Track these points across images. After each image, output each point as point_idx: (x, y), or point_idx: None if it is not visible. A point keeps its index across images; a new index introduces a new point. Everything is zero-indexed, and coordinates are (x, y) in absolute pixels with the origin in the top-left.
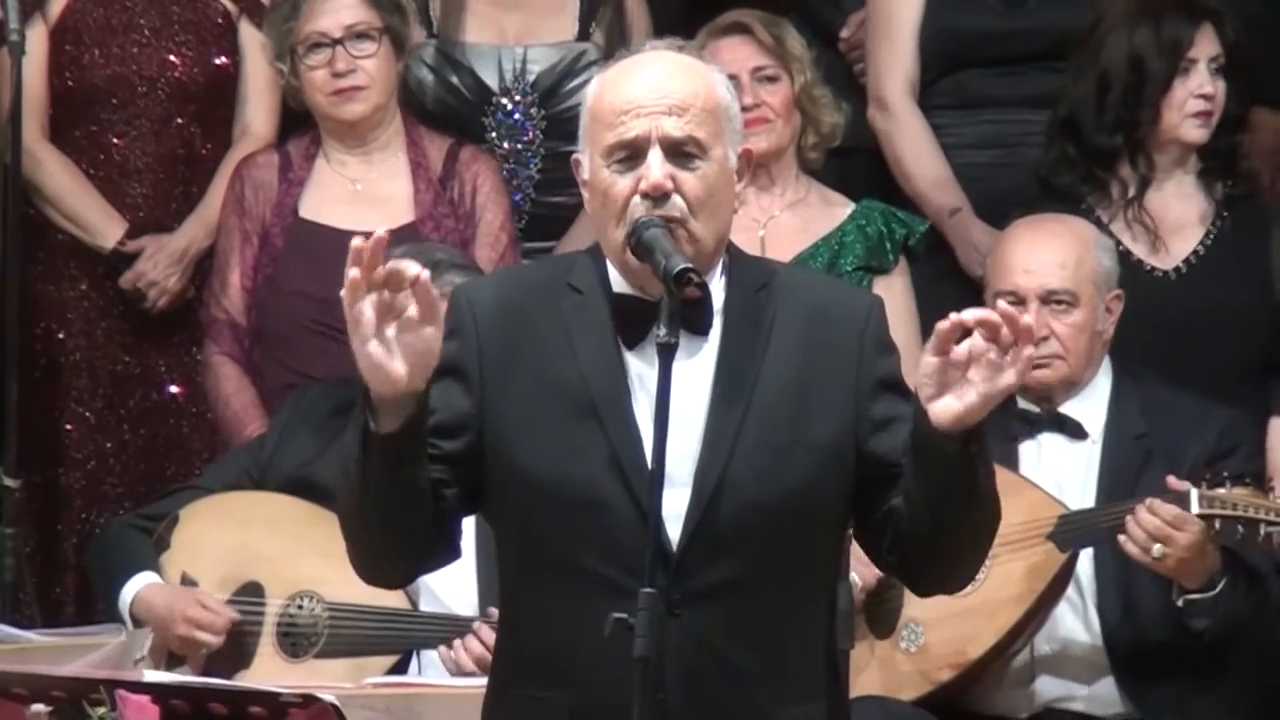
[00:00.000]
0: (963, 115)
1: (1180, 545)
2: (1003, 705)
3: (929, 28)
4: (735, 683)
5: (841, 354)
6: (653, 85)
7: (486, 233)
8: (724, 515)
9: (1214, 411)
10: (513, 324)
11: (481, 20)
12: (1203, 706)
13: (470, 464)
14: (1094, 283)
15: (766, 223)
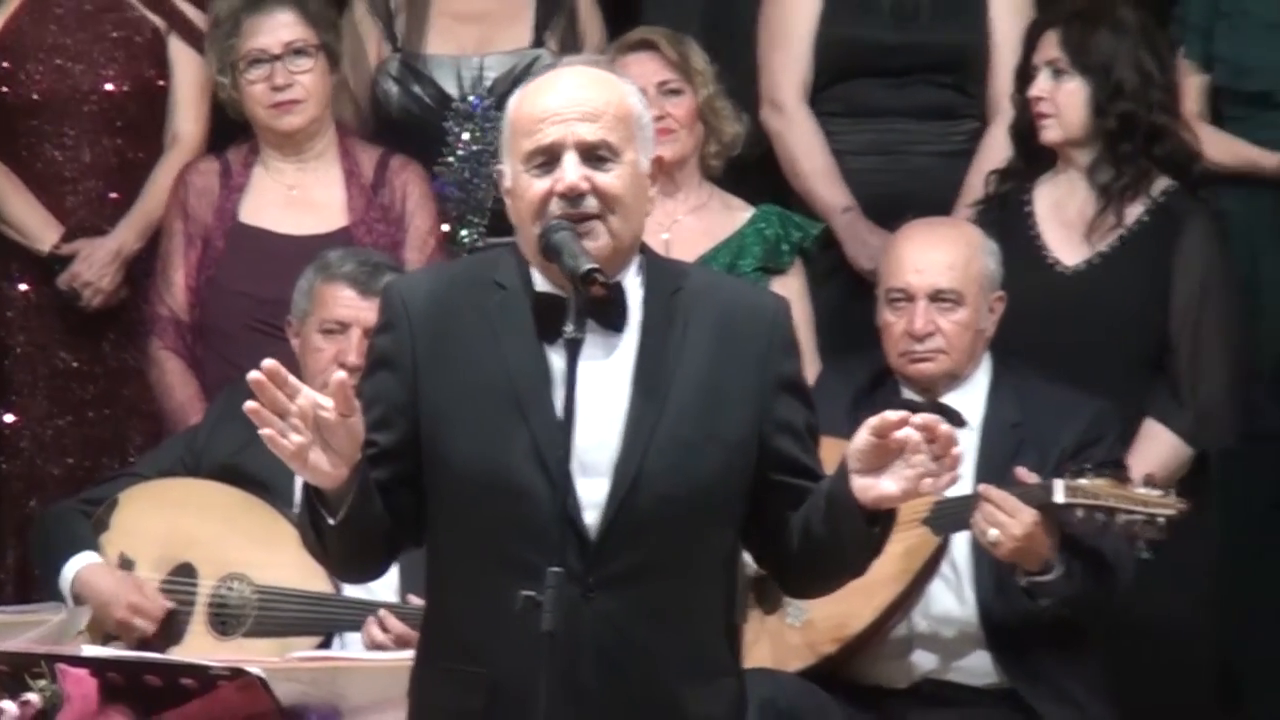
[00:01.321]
0: (850, 123)
1: (1012, 533)
2: (882, 676)
3: (823, 37)
4: (646, 662)
5: (750, 354)
6: (568, 95)
7: (415, 237)
8: (640, 505)
9: (1084, 403)
10: (443, 318)
11: (442, 34)
12: (1067, 677)
13: (409, 453)
14: (979, 284)
15: (671, 226)
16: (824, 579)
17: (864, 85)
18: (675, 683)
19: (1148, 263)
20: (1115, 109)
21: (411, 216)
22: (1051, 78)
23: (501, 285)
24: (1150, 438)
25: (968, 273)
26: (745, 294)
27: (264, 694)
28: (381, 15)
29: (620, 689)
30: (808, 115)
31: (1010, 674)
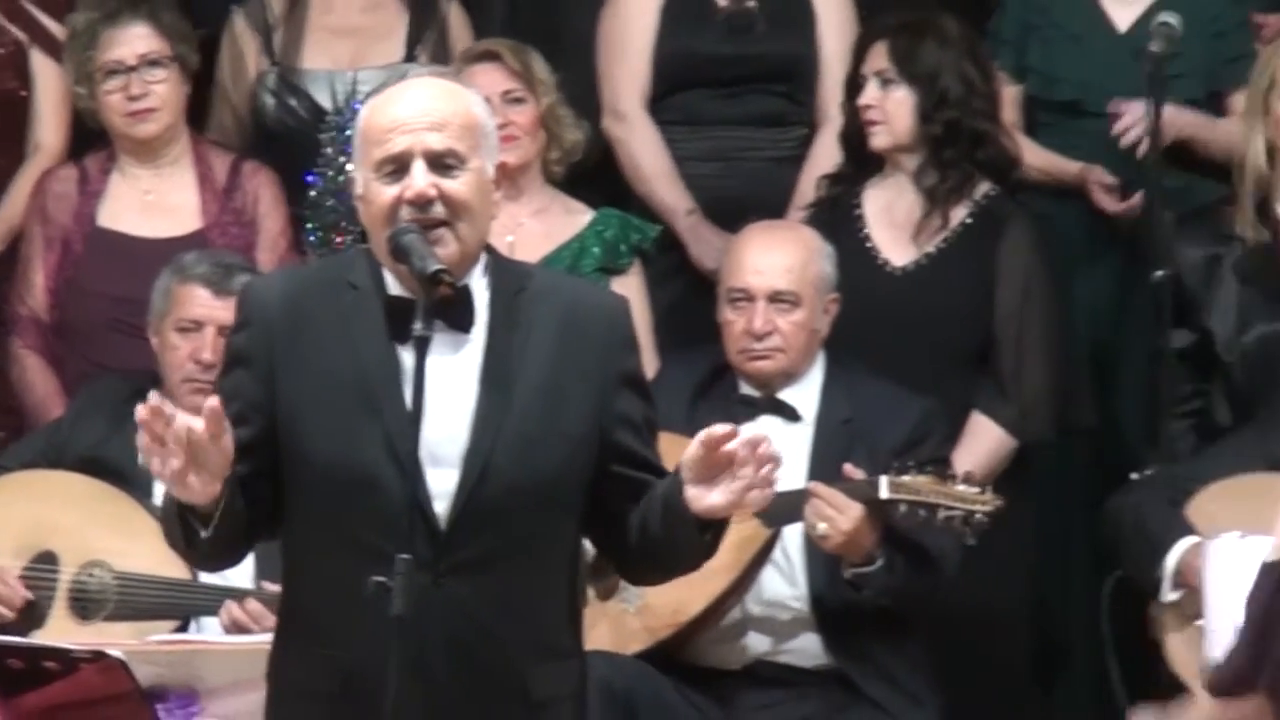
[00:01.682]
0: (688, 130)
1: (839, 528)
2: (716, 658)
3: (660, 49)
4: (493, 645)
5: (592, 352)
6: (416, 105)
7: (267, 239)
8: (487, 495)
9: (912, 402)
10: (298, 317)
11: (317, 48)
12: (891, 660)
13: (266, 448)
14: (815, 286)
15: (515, 229)
16: (660, 572)
17: (700, 95)
18: (521, 664)
19: (973, 262)
20: (941, 116)
21: (263, 219)
22: (880, 87)
23: (354, 286)
24: (977, 430)
25: (805, 275)
26: (587, 293)
27: (124, 676)
28: (260, 29)
29: (468, 671)
30: (648, 123)
31: (838, 656)
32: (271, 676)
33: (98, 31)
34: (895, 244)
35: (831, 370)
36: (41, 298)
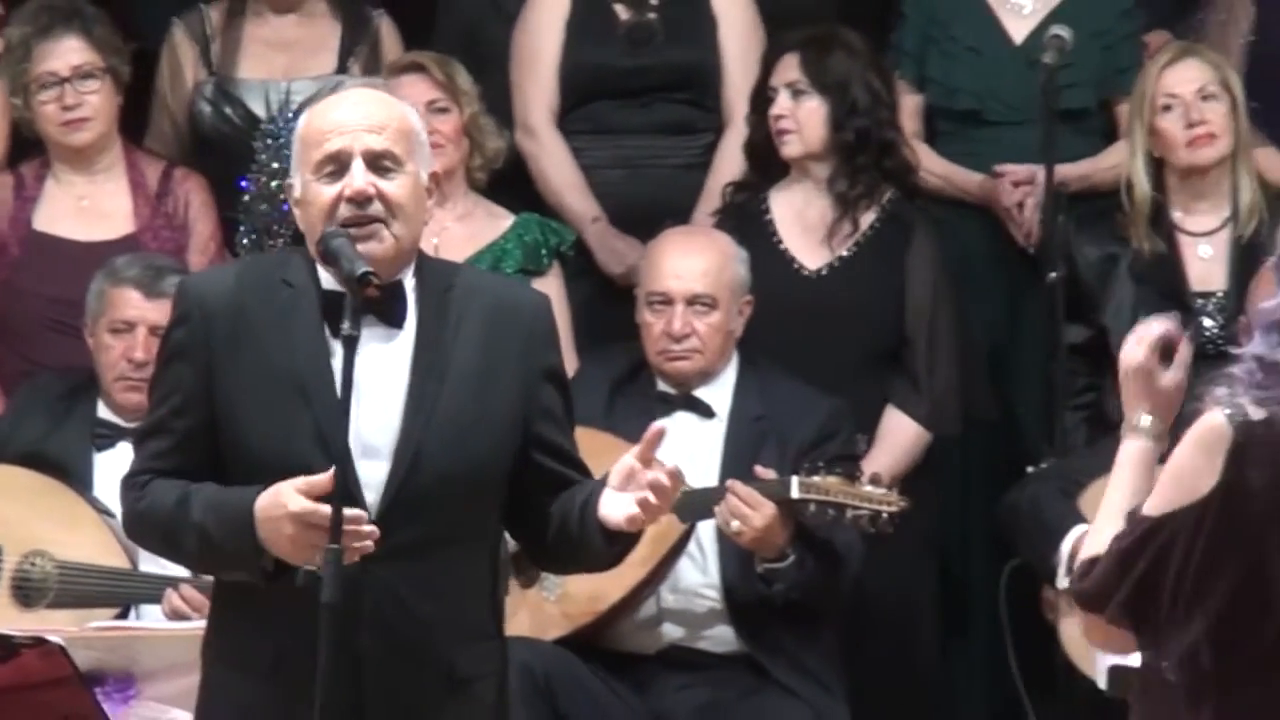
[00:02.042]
0: (595, 140)
1: (754, 525)
2: (633, 644)
3: (567, 64)
4: (421, 629)
5: (517, 346)
6: (355, 110)
7: (198, 242)
8: (417, 484)
9: (821, 400)
10: (235, 313)
11: (253, 59)
12: (801, 648)
13: (205, 438)
14: (731, 290)
15: (439, 232)
16: (572, 567)
17: (607, 106)
18: (446, 646)
19: (883, 265)
20: (852, 124)
21: (194, 223)
22: (792, 98)
23: (290, 284)
24: (892, 425)
25: (721, 279)
26: (511, 290)
27: (64, 661)
28: (198, 40)
29: (396, 652)
30: (556, 136)
31: (749, 643)
32: (205, 656)
33: (31, 45)
34: (807, 248)
35: (744, 369)
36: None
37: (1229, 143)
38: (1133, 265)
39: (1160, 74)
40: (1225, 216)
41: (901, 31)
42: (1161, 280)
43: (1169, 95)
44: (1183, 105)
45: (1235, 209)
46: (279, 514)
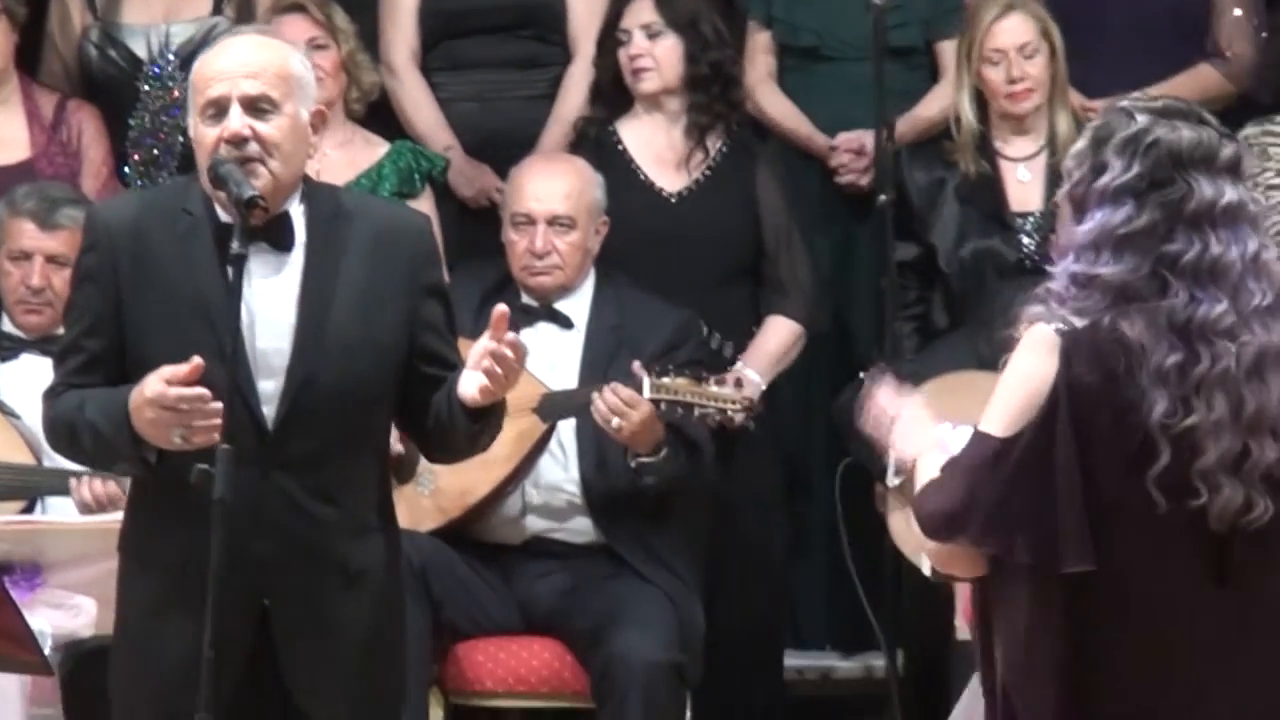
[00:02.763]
0: (451, 75)
1: (633, 421)
2: (500, 535)
3: (424, 8)
4: (314, 527)
5: (402, 266)
6: (236, 58)
7: (90, 168)
8: (309, 400)
9: (671, 312)
10: (140, 238)
11: (135, 5)
12: (654, 537)
13: (115, 356)
14: (589, 211)
15: (320, 159)
16: (449, 452)
17: (462, 44)
18: (341, 542)
19: (735, 187)
20: (706, 58)
21: (87, 149)
22: (648, 38)
23: (189, 213)
24: (770, 327)
25: (580, 202)
26: (394, 213)
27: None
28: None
29: (295, 550)
30: (415, 75)
31: (607, 535)
32: (123, 550)
33: None
34: (664, 174)
35: (601, 284)
36: None
37: (1045, 92)
38: (958, 188)
39: (989, 27)
40: (1042, 144)
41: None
42: (984, 201)
43: (995, 49)
44: (1006, 61)
45: (1052, 140)
46: (139, 400)
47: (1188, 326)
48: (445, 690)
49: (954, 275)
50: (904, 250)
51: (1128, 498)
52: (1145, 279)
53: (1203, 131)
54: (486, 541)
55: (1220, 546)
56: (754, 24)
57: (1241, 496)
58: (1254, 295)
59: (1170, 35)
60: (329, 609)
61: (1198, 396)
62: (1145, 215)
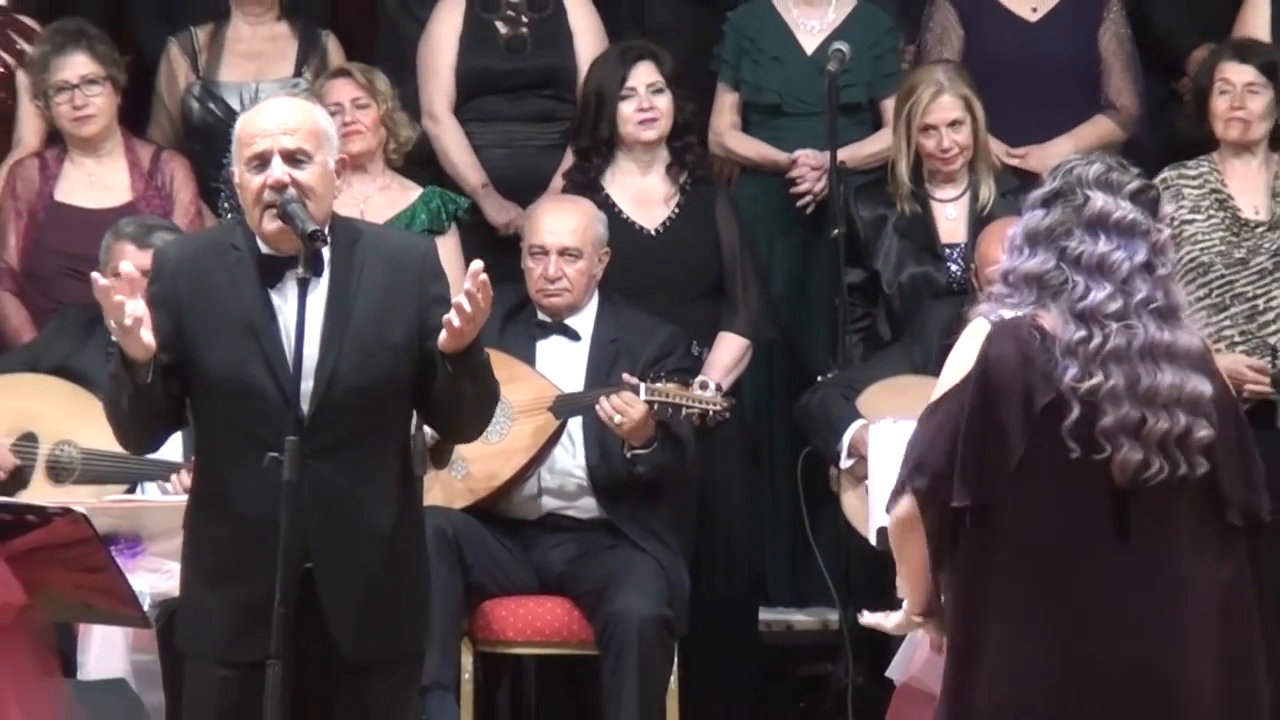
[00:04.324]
0: (483, 125)
1: (630, 419)
2: (520, 512)
3: (460, 67)
4: (350, 502)
5: (410, 281)
6: (274, 117)
7: (180, 208)
8: (334, 397)
9: (662, 326)
10: (195, 271)
11: (230, 66)
12: (648, 515)
13: (176, 368)
14: (593, 243)
15: (365, 201)
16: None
17: (491, 100)
18: (372, 512)
19: (699, 220)
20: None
21: (178, 193)
22: (652, 94)
23: (236, 248)
24: (722, 342)
25: (586, 236)
26: (404, 239)
27: (86, 526)
28: (189, 53)
29: (333, 521)
30: (453, 122)
31: (608, 512)
32: (187, 525)
33: (49, 60)
34: (640, 212)
35: (603, 303)
36: (15, 254)
37: (969, 154)
38: (897, 224)
39: (924, 106)
40: (965, 189)
41: (722, 45)
42: (918, 235)
43: (928, 125)
44: (938, 134)
45: (974, 186)
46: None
47: (1083, 311)
48: (474, 640)
49: (894, 295)
50: (853, 275)
51: (1044, 446)
52: (1052, 271)
53: (1115, 172)
54: (509, 517)
55: (1123, 502)
56: (723, 85)
57: (1140, 455)
58: (1141, 292)
59: (1073, 91)
60: (361, 569)
61: (1099, 366)
62: (1050, 217)
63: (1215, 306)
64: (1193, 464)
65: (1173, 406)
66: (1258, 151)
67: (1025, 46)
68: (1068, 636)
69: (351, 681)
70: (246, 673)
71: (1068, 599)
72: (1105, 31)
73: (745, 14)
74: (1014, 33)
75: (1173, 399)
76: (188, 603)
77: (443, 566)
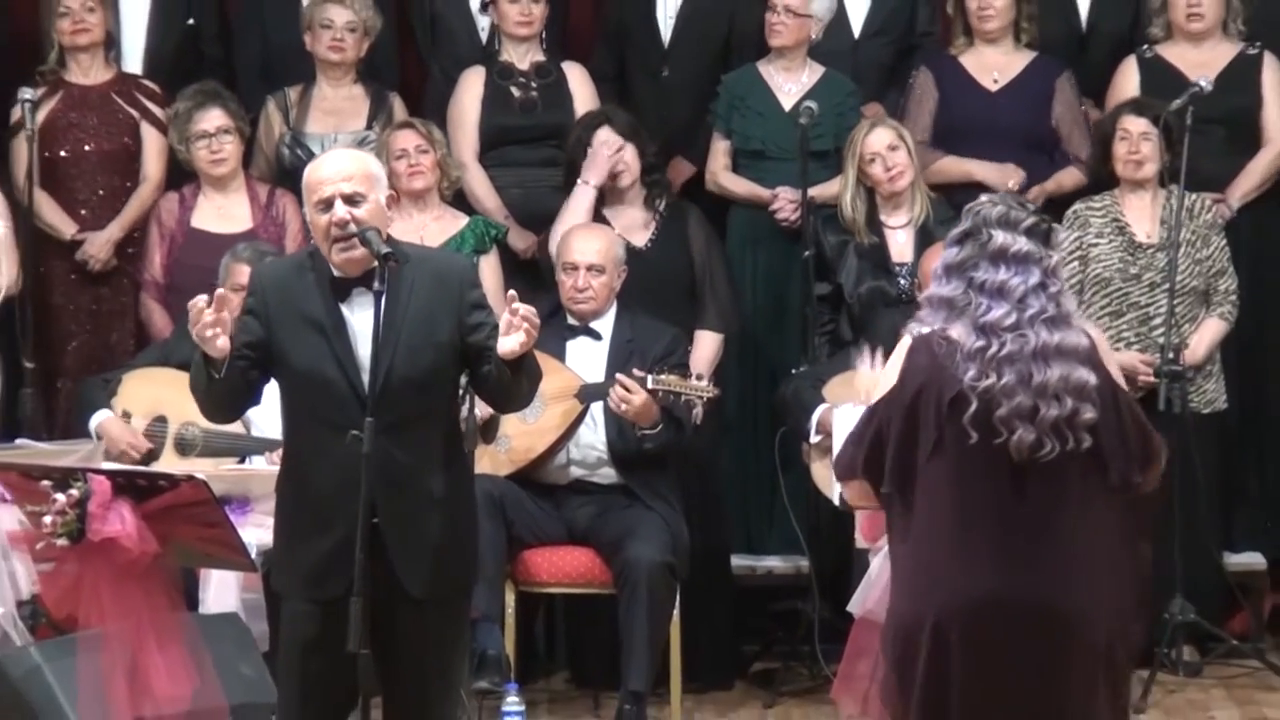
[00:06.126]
0: (502, 170)
1: (635, 404)
2: (552, 478)
3: (483, 123)
4: (408, 470)
5: (452, 292)
6: (334, 167)
7: (290, 234)
8: (389, 387)
9: (667, 329)
10: (282, 288)
11: (315, 121)
12: (657, 481)
13: (264, 361)
14: (614, 262)
15: (423, 229)
16: (509, 399)
17: (509, 149)
18: (426, 478)
19: (676, 236)
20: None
21: (289, 223)
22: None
23: (313, 270)
24: (700, 338)
25: (608, 255)
26: (446, 258)
27: (206, 490)
28: (282, 109)
29: (396, 486)
30: (479, 168)
31: (624, 478)
32: (277, 490)
33: (191, 114)
34: (631, 234)
35: (620, 310)
36: (159, 270)
37: (910, 175)
38: (857, 247)
39: (863, 140)
40: (911, 217)
41: (717, 102)
42: (874, 256)
43: (871, 153)
44: (880, 158)
45: (918, 216)
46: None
47: (984, 326)
48: (515, 581)
49: (855, 305)
50: (820, 288)
51: (952, 434)
52: (962, 295)
53: (1015, 211)
54: (543, 482)
55: (1020, 474)
56: (717, 134)
57: (1033, 437)
58: (1034, 307)
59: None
60: (418, 524)
61: (993, 368)
62: (962, 253)
63: (1114, 314)
64: (1079, 440)
65: (1062, 394)
66: (1150, 187)
67: (986, 112)
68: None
69: (413, 613)
70: (326, 607)
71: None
72: (1058, 103)
73: (736, 78)
74: (977, 100)
75: (1061, 388)
76: (279, 552)
77: (489, 522)
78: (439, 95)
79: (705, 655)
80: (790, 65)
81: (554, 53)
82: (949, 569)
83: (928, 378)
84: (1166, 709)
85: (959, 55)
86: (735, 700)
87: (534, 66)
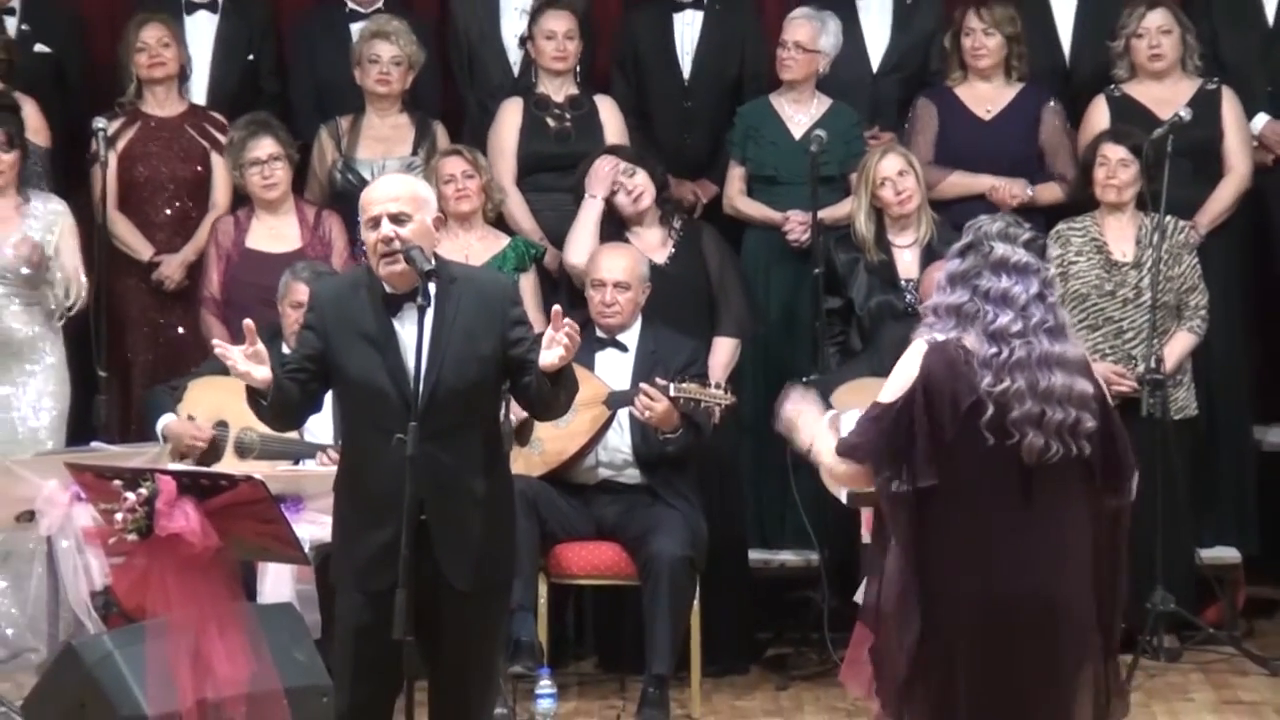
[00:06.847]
0: (537, 195)
1: (657, 411)
2: (582, 478)
3: (520, 151)
4: (452, 472)
5: (495, 308)
6: (384, 189)
7: (336, 254)
8: (437, 395)
9: (687, 341)
10: (337, 303)
11: (365, 148)
12: (678, 481)
13: (323, 372)
14: (639, 279)
15: (469, 248)
16: (548, 409)
17: (543, 175)
18: (470, 481)
19: (692, 252)
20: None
21: (335, 241)
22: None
23: (366, 286)
24: (718, 345)
25: (634, 273)
26: (490, 276)
27: (263, 489)
28: (334, 137)
29: (441, 488)
30: (517, 192)
31: (648, 479)
32: (335, 490)
33: (246, 142)
34: (653, 254)
35: (645, 324)
36: (217, 287)
37: (918, 199)
38: (867, 264)
39: (875, 166)
40: (917, 237)
41: (733, 132)
42: (883, 272)
43: (883, 178)
44: (891, 183)
45: (922, 235)
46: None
47: (995, 333)
48: (548, 574)
49: (864, 317)
50: (831, 301)
51: (967, 437)
52: (969, 303)
53: (1013, 227)
54: (574, 482)
55: (1028, 477)
56: (733, 161)
57: (1041, 441)
58: (1036, 316)
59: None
60: (461, 521)
61: (1006, 374)
62: (965, 263)
63: (1090, 327)
64: (1080, 447)
65: (1065, 402)
66: (1127, 210)
67: (980, 140)
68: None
69: (457, 605)
70: (378, 598)
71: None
72: (1045, 128)
73: (750, 109)
74: (972, 128)
75: (1064, 396)
76: (336, 547)
77: (524, 519)
78: (475, 124)
79: (723, 641)
80: (800, 97)
81: (586, 86)
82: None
83: (945, 383)
84: (1148, 691)
85: (955, 87)
86: (751, 683)
87: (568, 99)
